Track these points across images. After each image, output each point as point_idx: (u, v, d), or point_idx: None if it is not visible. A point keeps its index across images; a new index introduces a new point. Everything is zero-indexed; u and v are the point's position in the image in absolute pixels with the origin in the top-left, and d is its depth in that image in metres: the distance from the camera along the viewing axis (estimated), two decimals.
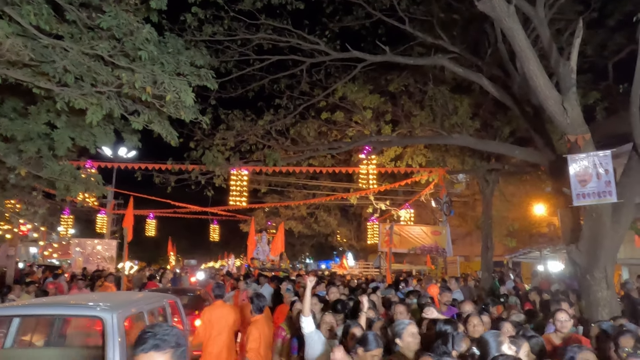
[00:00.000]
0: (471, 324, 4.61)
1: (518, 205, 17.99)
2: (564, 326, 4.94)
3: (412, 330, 3.82)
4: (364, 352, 3.47)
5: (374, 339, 3.49)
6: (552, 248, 15.00)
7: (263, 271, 17.33)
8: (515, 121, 12.39)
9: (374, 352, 3.44)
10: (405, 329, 3.81)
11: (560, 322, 4.96)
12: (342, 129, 14.16)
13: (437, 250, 15.23)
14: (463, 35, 12.03)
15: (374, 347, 3.44)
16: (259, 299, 5.58)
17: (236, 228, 33.84)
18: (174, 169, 13.38)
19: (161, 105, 6.19)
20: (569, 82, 7.05)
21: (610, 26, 11.39)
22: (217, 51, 10.90)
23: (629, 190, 7.91)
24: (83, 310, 4.51)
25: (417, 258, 23.99)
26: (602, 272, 7.66)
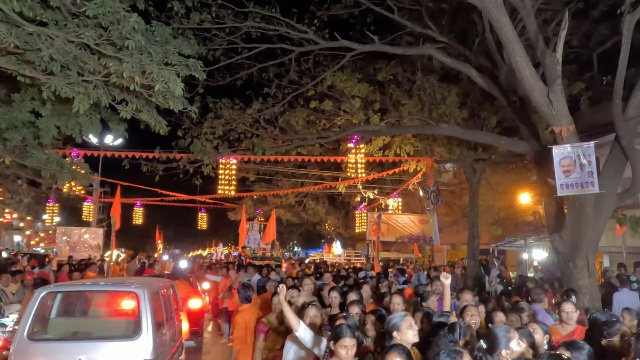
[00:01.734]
0: (468, 314, 4.49)
1: (504, 194, 18.22)
2: (570, 317, 4.80)
3: (410, 322, 3.59)
4: (334, 344, 3.30)
5: (344, 329, 3.30)
6: (537, 236, 15.24)
7: (254, 260, 17.37)
8: (502, 111, 12.51)
9: (343, 341, 3.24)
10: (403, 321, 3.58)
11: (567, 314, 4.82)
12: (330, 118, 14.17)
13: (424, 238, 15.40)
14: (451, 25, 12.06)
15: (342, 337, 3.25)
16: (244, 289, 5.64)
17: (224, 216, 33.85)
18: (162, 157, 13.30)
19: (149, 95, 6.15)
20: (554, 74, 7.14)
21: (595, 17, 11.49)
22: (205, 39, 10.80)
23: (611, 180, 8.10)
24: (122, 287, 6.16)
25: (405, 246, 24.24)
26: (583, 260, 7.86)
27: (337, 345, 3.26)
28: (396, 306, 5.01)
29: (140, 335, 5.21)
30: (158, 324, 5.55)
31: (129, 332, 5.42)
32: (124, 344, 5.23)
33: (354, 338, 3.31)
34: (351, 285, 8.38)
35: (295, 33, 10.92)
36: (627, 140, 7.91)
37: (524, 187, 17.09)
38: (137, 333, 5.24)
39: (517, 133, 11.20)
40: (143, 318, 5.27)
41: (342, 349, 3.24)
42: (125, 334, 5.47)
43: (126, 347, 5.19)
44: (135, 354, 5.10)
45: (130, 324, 5.61)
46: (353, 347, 3.28)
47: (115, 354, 5.13)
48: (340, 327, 3.35)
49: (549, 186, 8.14)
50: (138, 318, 5.34)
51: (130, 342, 5.21)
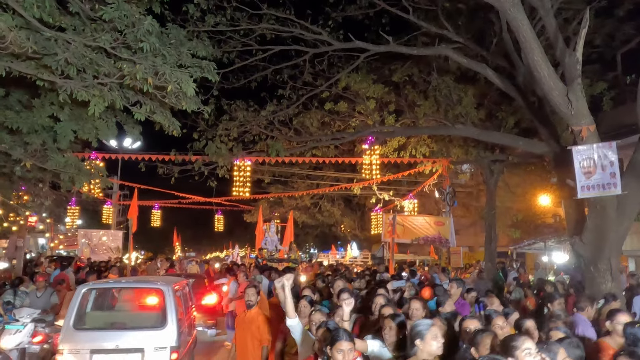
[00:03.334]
0: (497, 326, 4.12)
1: (522, 196, 17.92)
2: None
3: (436, 333, 3.36)
4: (330, 349, 3.19)
5: (340, 333, 3.21)
6: (557, 239, 14.96)
7: (271, 262, 17.33)
8: (519, 112, 12.29)
9: (340, 345, 3.13)
10: (428, 330, 3.34)
11: (622, 326, 4.11)
12: (345, 120, 14.10)
13: (440, 240, 15.23)
14: (468, 25, 11.91)
15: (338, 340, 3.15)
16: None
17: (240, 218, 33.96)
18: (178, 159, 13.39)
19: (163, 96, 6.19)
20: (574, 73, 6.98)
21: (620, 16, 11.24)
22: (219, 41, 10.85)
23: (635, 182, 7.86)
24: (150, 285, 7.06)
25: (421, 248, 24.01)
26: (606, 264, 7.65)
27: (334, 350, 3.15)
28: (415, 312, 4.76)
29: (167, 325, 6.05)
30: (180, 316, 6.35)
31: (157, 322, 6.21)
32: (153, 333, 6.06)
33: (351, 342, 3.20)
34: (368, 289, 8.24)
35: (309, 34, 10.90)
36: None
37: (543, 188, 16.80)
38: (164, 324, 6.07)
39: (536, 134, 10.98)
40: (168, 311, 6.12)
41: (338, 353, 3.12)
42: (154, 324, 6.23)
43: (155, 335, 6.02)
44: (163, 341, 5.96)
45: (158, 316, 6.35)
46: (350, 351, 3.15)
47: (146, 341, 5.95)
48: (337, 331, 3.28)
49: (569, 188, 7.96)
50: (164, 311, 6.16)
51: (158, 331, 6.04)
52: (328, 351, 3.22)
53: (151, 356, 5.90)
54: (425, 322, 3.50)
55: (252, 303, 5.58)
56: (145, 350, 5.91)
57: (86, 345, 5.80)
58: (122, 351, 5.89)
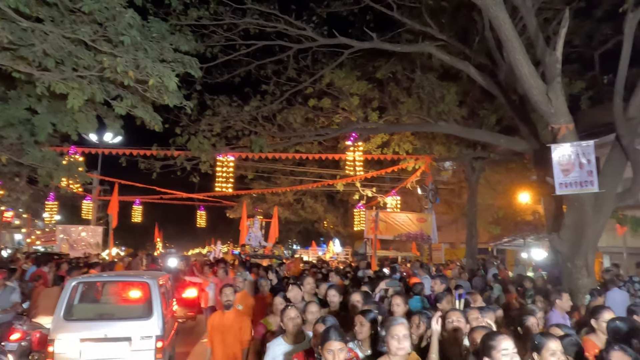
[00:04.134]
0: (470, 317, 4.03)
1: (503, 193, 18.17)
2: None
3: (396, 332, 3.15)
4: (320, 348, 3.08)
5: (331, 332, 3.07)
6: (536, 236, 15.22)
7: (255, 258, 17.26)
8: (501, 110, 12.45)
9: (330, 345, 3.01)
10: (389, 328, 3.18)
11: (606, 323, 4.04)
12: (329, 116, 14.11)
13: (422, 237, 15.33)
14: (451, 22, 11.99)
15: (328, 340, 3.02)
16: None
17: (222, 214, 33.77)
18: (159, 155, 13.22)
19: (144, 90, 6.09)
20: (554, 72, 7.09)
21: (598, 17, 11.43)
22: (202, 36, 10.73)
23: (611, 180, 8.04)
24: (137, 278, 7.61)
25: (403, 245, 24.19)
26: (583, 259, 7.81)
27: (324, 350, 3.05)
28: (396, 307, 4.60)
29: (153, 316, 6.43)
30: (164, 308, 6.73)
31: (144, 313, 6.55)
32: (139, 323, 6.43)
33: (343, 342, 3.07)
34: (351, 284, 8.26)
35: (293, 30, 10.86)
36: (628, 140, 7.86)
37: (523, 186, 17.05)
38: (150, 314, 6.44)
39: (517, 132, 11.14)
40: (154, 303, 6.51)
41: (328, 353, 3.01)
42: (140, 315, 6.59)
43: (141, 325, 6.39)
44: (149, 330, 6.34)
45: (144, 308, 6.69)
46: (340, 351, 3.02)
47: (133, 330, 6.33)
48: (327, 330, 3.14)
49: (548, 185, 8.09)
50: (150, 303, 6.55)
51: (144, 321, 6.41)
52: (319, 350, 3.14)
53: (138, 344, 6.29)
54: (392, 319, 3.37)
55: (230, 303, 5.33)
56: (132, 338, 6.28)
57: (76, 335, 6.16)
58: (110, 340, 6.25)
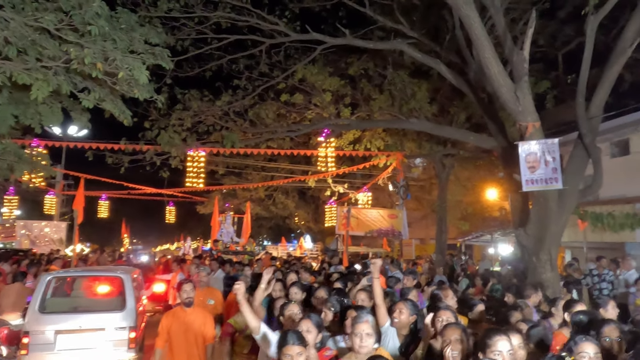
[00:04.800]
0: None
1: (472, 190, 18.54)
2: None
3: (358, 330, 3.14)
4: (278, 353, 2.98)
5: (289, 336, 3.00)
6: (503, 232, 15.60)
7: (227, 254, 17.09)
8: (471, 107, 12.69)
9: (286, 350, 2.92)
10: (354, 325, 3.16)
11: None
12: (301, 112, 14.08)
13: (393, 233, 15.50)
14: (422, 21, 12.14)
15: (285, 345, 2.95)
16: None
17: (193, 210, 33.30)
18: (128, 149, 12.92)
19: (113, 83, 5.92)
20: (521, 71, 7.27)
21: (561, 18, 11.76)
22: (173, 28, 10.52)
23: (574, 177, 8.33)
24: (110, 273, 7.94)
25: (374, 241, 24.38)
26: (547, 254, 8.06)
27: (282, 354, 2.93)
28: (361, 303, 4.55)
29: (126, 308, 6.82)
30: (136, 301, 7.12)
31: (118, 306, 6.90)
32: (113, 315, 6.79)
33: (302, 346, 2.95)
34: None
35: (266, 25, 10.77)
36: (589, 138, 8.16)
37: (491, 182, 17.46)
38: (124, 306, 6.83)
39: (486, 129, 11.38)
40: (127, 295, 6.91)
41: (285, 357, 2.90)
42: (114, 307, 6.92)
43: (115, 317, 6.76)
44: (123, 321, 6.72)
45: (118, 300, 7.05)
46: (299, 355, 2.91)
47: (107, 322, 6.69)
48: (285, 334, 3.02)
49: (515, 182, 8.31)
50: (123, 296, 6.94)
51: (118, 313, 6.78)
52: (275, 356, 3.04)
53: (112, 335, 6.64)
54: (355, 317, 3.34)
55: (191, 300, 5.08)
56: (106, 329, 6.63)
57: (51, 327, 6.42)
58: (84, 331, 6.57)
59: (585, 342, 3.00)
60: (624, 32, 7.90)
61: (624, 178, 13.05)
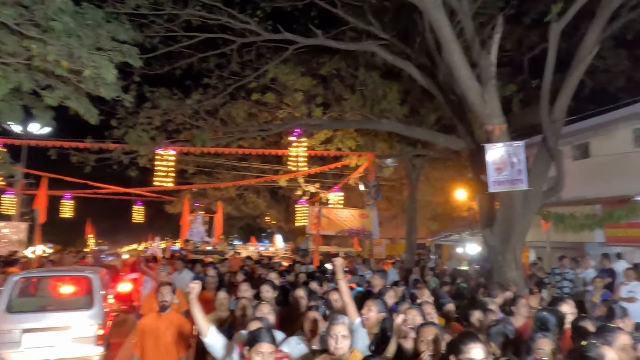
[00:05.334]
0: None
1: (442, 190, 18.87)
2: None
3: (334, 332, 3.13)
4: (249, 350, 2.96)
5: (262, 333, 2.99)
6: (471, 231, 15.94)
7: (197, 254, 16.88)
8: (440, 109, 12.89)
9: (260, 347, 2.91)
10: (330, 327, 3.17)
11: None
12: (272, 111, 14.01)
13: (364, 232, 15.63)
14: (394, 23, 12.25)
15: (259, 342, 2.92)
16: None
17: (161, 209, 32.76)
18: (94, 147, 12.57)
19: (78, 81, 5.77)
20: (489, 75, 7.43)
21: (527, 24, 12.07)
22: (141, 25, 10.28)
23: (538, 178, 8.57)
24: (79, 273, 8.09)
25: (345, 240, 24.53)
26: (512, 253, 8.27)
27: (252, 351, 2.92)
28: (335, 304, 4.58)
29: (94, 306, 7.09)
30: (104, 299, 7.43)
31: (86, 304, 7.15)
32: (82, 313, 7.04)
33: (273, 344, 2.99)
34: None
35: (237, 23, 10.66)
36: (553, 141, 8.41)
37: (460, 183, 17.80)
38: (92, 305, 7.09)
39: (455, 131, 11.59)
40: (95, 294, 7.19)
41: (257, 355, 2.90)
42: (83, 306, 7.17)
43: (84, 315, 7.02)
44: (91, 319, 6.99)
45: (86, 299, 7.29)
46: (270, 354, 2.93)
47: (75, 320, 6.94)
48: (258, 331, 3.03)
49: (482, 183, 8.49)
50: (91, 294, 7.21)
51: (87, 311, 7.04)
52: (246, 352, 2.99)
53: (80, 332, 6.89)
54: (332, 318, 3.35)
55: (167, 304, 4.81)
56: (73, 327, 6.86)
57: (18, 326, 6.60)
58: (52, 329, 6.75)
59: (543, 339, 3.12)
60: (584, 40, 8.18)
61: (584, 180, 13.54)
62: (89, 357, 6.91)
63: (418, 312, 3.87)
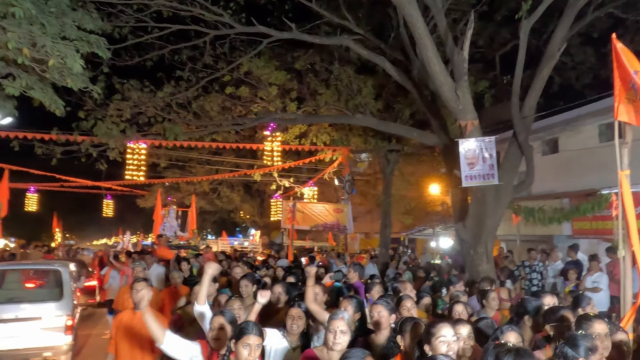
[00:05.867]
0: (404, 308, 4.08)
1: (416, 185, 19.04)
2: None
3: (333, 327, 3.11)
4: (235, 343, 2.93)
5: (250, 326, 2.97)
6: (444, 225, 16.15)
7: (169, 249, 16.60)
8: (414, 104, 12.97)
9: (247, 339, 2.89)
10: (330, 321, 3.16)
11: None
12: (246, 105, 13.84)
13: (338, 227, 15.66)
14: (368, 17, 12.25)
15: (246, 334, 2.91)
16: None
17: (132, 203, 32.18)
18: (60, 139, 12.15)
19: (43, 71, 5.55)
20: (461, 71, 7.50)
21: (498, 21, 12.26)
22: (109, 15, 9.97)
23: (509, 173, 8.73)
24: (49, 266, 8.52)
25: (319, 235, 24.59)
26: (483, 247, 8.42)
27: (239, 344, 2.89)
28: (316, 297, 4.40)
29: (64, 298, 7.53)
30: (73, 291, 7.90)
31: (55, 296, 7.56)
32: (51, 304, 7.44)
33: (261, 337, 2.97)
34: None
35: (210, 15, 10.44)
36: (523, 136, 8.57)
37: (434, 178, 18.00)
38: (61, 296, 7.53)
39: (429, 126, 11.68)
40: (65, 286, 7.64)
41: (244, 348, 2.87)
42: (53, 297, 7.55)
43: (53, 306, 7.42)
44: (60, 310, 7.39)
45: (56, 291, 7.68)
46: (257, 347, 2.93)
47: (45, 311, 7.32)
48: (247, 324, 3.02)
49: (455, 177, 8.59)
50: (61, 286, 7.64)
51: (56, 302, 7.45)
52: (232, 345, 2.96)
53: (50, 322, 7.23)
54: (333, 313, 3.32)
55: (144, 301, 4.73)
56: (43, 317, 7.20)
57: None
58: (21, 320, 7.07)
59: (510, 332, 3.20)
60: (553, 37, 8.35)
61: (553, 175, 13.87)
62: (58, 346, 7.29)
63: (383, 307, 3.80)
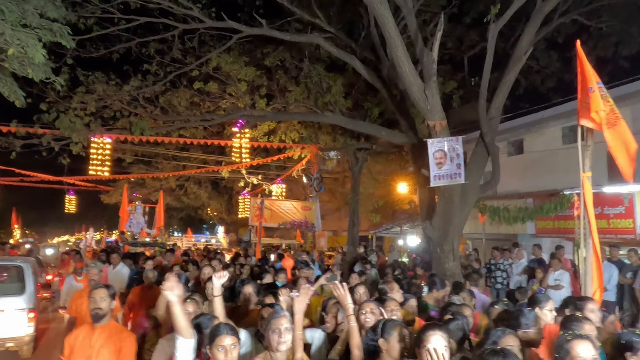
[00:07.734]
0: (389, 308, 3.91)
1: (384, 183, 19.25)
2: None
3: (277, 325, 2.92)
4: (209, 347, 2.78)
5: (221, 327, 2.82)
6: (411, 224, 16.39)
7: (135, 246, 16.18)
8: (383, 103, 13.10)
9: (220, 341, 2.73)
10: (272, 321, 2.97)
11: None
12: (215, 101, 13.67)
13: (306, 225, 15.68)
14: (339, 16, 12.27)
15: (219, 335, 2.74)
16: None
17: (96, 199, 31.35)
18: (20, 132, 11.68)
19: (2, 60, 5.33)
20: (430, 72, 7.61)
21: (467, 23, 12.51)
22: (74, 4, 9.64)
23: (475, 173, 8.93)
24: (12, 262, 8.68)
25: (287, 232, 24.55)
26: (450, 245, 8.58)
27: (213, 348, 2.72)
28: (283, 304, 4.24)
29: (26, 292, 7.95)
30: (35, 286, 8.30)
31: (18, 290, 7.95)
32: (14, 298, 7.84)
33: (235, 337, 2.79)
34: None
35: (179, 9, 10.24)
36: (489, 137, 8.78)
37: (402, 176, 18.24)
38: (24, 291, 7.95)
39: (397, 125, 11.82)
40: (27, 281, 8.06)
41: (219, 350, 2.70)
42: (15, 292, 7.94)
43: (16, 300, 7.84)
44: (23, 304, 7.84)
45: (19, 285, 8.06)
46: (233, 347, 2.74)
47: (7, 305, 7.74)
48: (218, 325, 2.86)
49: (423, 176, 8.73)
50: (23, 281, 8.04)
51: (19, 297, 7.87)
52: (208, 351, 2.78)
53: (12, 315, 7.65)
54: (272, 312, 3.19)
55: (102, 313, 3.62)
56: (5, 310, 7.63)
57: None
58: None
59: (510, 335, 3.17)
60: (520, 41, 8.59)
61: (518, 175, 14.29)
62: (20, 337, 7.74)
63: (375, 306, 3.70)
